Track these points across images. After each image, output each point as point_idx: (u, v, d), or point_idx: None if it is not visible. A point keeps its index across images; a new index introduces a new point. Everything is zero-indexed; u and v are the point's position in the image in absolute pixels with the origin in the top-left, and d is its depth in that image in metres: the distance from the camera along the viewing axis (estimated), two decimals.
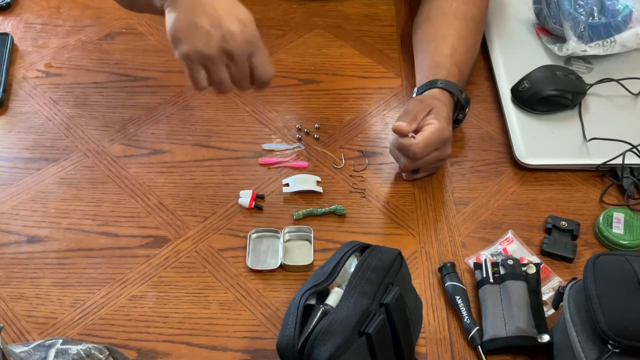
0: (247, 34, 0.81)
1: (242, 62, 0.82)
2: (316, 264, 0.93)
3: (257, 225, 0.97)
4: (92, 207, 1.00)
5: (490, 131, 1.10)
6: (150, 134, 1.09)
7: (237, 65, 0.83)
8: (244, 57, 0.82)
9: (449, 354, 0.85)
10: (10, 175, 1.03)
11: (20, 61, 1.20)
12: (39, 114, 1.12)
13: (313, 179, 1.02)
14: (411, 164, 0.98)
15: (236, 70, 0.83)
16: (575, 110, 1.09)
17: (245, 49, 0.81)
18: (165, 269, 0.93)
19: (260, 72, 0.85)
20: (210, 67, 0.82)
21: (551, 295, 0.88)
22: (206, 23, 0.79)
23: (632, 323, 0.71)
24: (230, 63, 0.82)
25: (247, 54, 0.82)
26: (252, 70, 0.84)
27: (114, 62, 1.20)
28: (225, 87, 0.85)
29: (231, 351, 0.85)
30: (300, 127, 1.09)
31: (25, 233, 0.97)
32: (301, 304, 0.73)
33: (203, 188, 1.02)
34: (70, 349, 0.69)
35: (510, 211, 0.99)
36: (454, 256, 0.94)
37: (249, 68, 0.84)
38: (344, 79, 1.17)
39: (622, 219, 0.96)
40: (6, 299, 0.90)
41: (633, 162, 1.01)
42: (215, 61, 0.81)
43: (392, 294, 0.75)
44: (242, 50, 0.81)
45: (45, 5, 1.31)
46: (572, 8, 1.12)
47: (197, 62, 0.81)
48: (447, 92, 1.02)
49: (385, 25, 1.27)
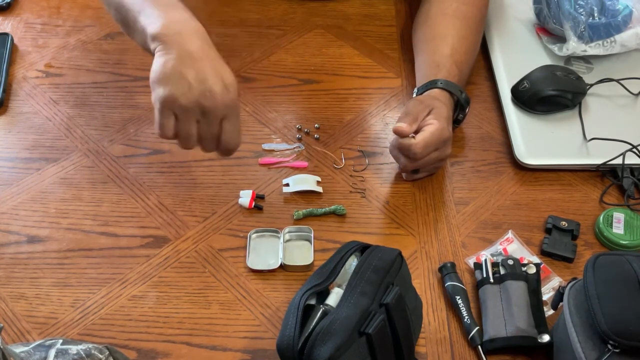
0: (226, 98, 0.82)
1: (213, 121, 0.83)
2: (316, 264, 0.93)
3: (257, 225, 0.97)
4: (92, 207, 1.00)
5: (490, 131, 1.10)
6: (150, 134, 1.09)
7: (207, 124, 0.83)
8: (217, 119, 0.83)
9: (449, 354, 0.85)
10: (10, 175, 1.03)
11: (20, 61, 1.20)
12: (39, 114, 1.12)
13: (313, 179, 1.02)
14: (411, 164, 0.98)
15: (205, 129, 0.84)
16: (575, 110, 1.09)
17: (220, 111, 0.82)
18: (165, 269, 0.93)
19: (228, 138, 0.85)
20: (181, 118, 0.82)
21: (551, 295, 0.88)
22: (191, 76, 0.80)
23: (632, 323, 0.71)
24: (202, 119, 0.83)
25: (221, 117, 0.83)
26: (221, 134, 0.84)
27: (114, 62, 1.20)
28: (190, 142, 0.85)
29: (231, 351, 0.85)
30: (300, 127, 1.09)
31: (25, 233, 0.97)
32: (301, 304, 0.73)
33: (203, 188, 1.02)
34: (70, 349, 0.69)
35: (510, 211, 0.99)
36: (454, 256, 0.94)
37: (218, 131, 0.84)
38: (344, 79, 1.17)
39: (622, 219, 0.96)
40: (6, 299, 0.90)
41: (633, 162, 1.01)
42: (188, 113, 0.82)
43: (392, 294, 0.75)
44: (217, 111, 0.82)
45: (45, 5, 1.31)
46: (572, 8, 1.12)
47: (170, 109, 0.82)
48: (447, 92, 1.02)
49: (385, 25, 1.27)
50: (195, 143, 0.86)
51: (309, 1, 1.30)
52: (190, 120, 0.83)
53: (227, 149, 0.87)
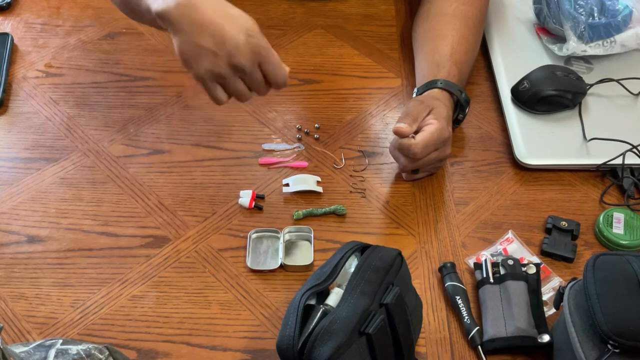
0: (252, 45, 0.81)
1: (253, 72, 0.84)
2: (316, 264, 0.93)
3: (257, 225, 0.97)
4: (92, 207, 1.00)
5: (490, 131, 1.10)
6: (150, 134, 1.09)
7: (249, 77, 0.84)
8: (254, 68, 0.83)
9: (449, 354, 0.85)
10: (10, 175, 1.03)
11: (20, 61, 1.20)
12: (39, 114, 1.12)
13: (313, 179, 1.02)
14: (411, 164, 0.98)
15: (249, 80, 0.85)
16: (575, 110, 1.09)
17: (253, 60, 0.82)
18: (165, 269, 0.93)
19: (273, 77, 0.86)
20: (224, 83, 0.84)
21: (551, 296, 0.88)
22: (210, 43, 0.80)
23: (632, 323, 0.71)
24: (242, 75, 0.84)
25: (256, 64, 0.83)
26: (266, 76, 0.85)
27: (114, 62, 1.20)
28: (245, 96, 0.87)
29: (231, 351, 0.85)
30: (300, 127, 1.09)
31: (25, 233, 0.97)
32: (301, 304, 0.73)
33: (203, 188, 1.02)
34: (70, 349, 0.69)
35: (510, 211, 0.99)
36: (454, 256, 0.94)
37: (262, 75, 0.85)
38: (344, 79, 1.17)
39: (622, 219, 0.96)
40: (6, 299, 0.90)
41: (633, 162, 1.01)
42: (228, 77, 0.83)
43: (392, 294, 0.75)
44: (250, 63, 0.82)
45: (45, 5, 1.31)
46: (572, 8, 1.12)
47: (211, 81, 0.83)
48: (447, 92, 1.02)
49: (385, 25, 1.27)
50: (250, 94, 0.87)
51: (309, 1, 1.30)
52: (233, 81, 0.84)
53: (277, 84, 0.87)
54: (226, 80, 0.83)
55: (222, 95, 0.85)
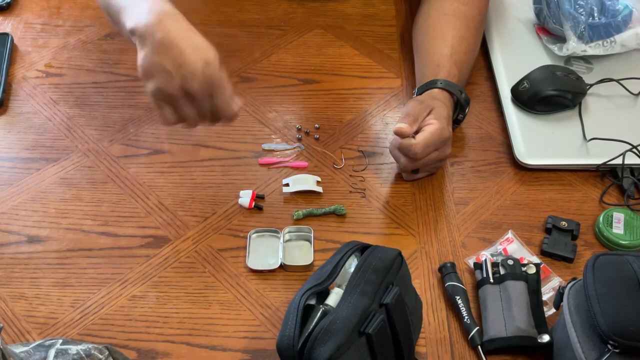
0: (207, 75, 0.82)
1: (202, 101, 0.84)
2: (316, 264, 0.93)
3: (257, 225, 0.97)
4: (92, 207, 1.00)
5: (490, 131, 1.10)
6: (150, 134, 1.09)
7: (198, 104, 0.85)
8: (204, 97, 0.84)
9: (449, 354, 0.85)
10: (10, 175, 1.03)
11: (20, 61, 1.20)
12: (39, 114, 1.12)
13: (313, 179, 1.02)
14: (411, 164, 0.98)
15: (199, 108, 0.85)
16: (575, 110, 1.09)
17: (205, 90, 0.83)
18: (165, 269, 0.93)
19: (222, 112, 0.86)
20: (174, 105, 0.84)
21: (551, 296, 0.88)
22: (169, 63, 0.81)
23: (632, 323, 0.71)
24: (192, 101, 0.84)
25: (207, 94, 0.84)
26: (215, 108, 0.86)
27: (114, 62, 1.20)
28: (192, 122, 0.87)
29: (231, 351, 0.85)
30: (300, 127, 1.09)
31: (25, 233, 0.97)
32: (301, 304, 0.73)
33: (203, 188, 1.02)
34: (70, 349, 0.69)
35: (510, 211, 0.99)
36: (454, 256, 0.94)
37: (211, 107, 0.85)
38: (344, 79, 1.17)
39: (622, 219, 0.96)
40: (6, 299, 0.90)
41: (633, 162, 1.01)
42: (177, 99, 0.83)
43: (392, 294, 0.75)
44: (201, 91, 0.83)
45: (45, 5, 1.31)
46: (572, 8, 1.12)
47: (162, 100, 0.84)
48: (447, 92, 1.02)
49: (385, 25, 1.27)
50: (198, 121, 0.87)
51: (309, 1, 1.30)
52: (182, 104, 0.84)
53: (224, 118, 0.88)
54: (176, 102, 0.84)
55: (170, 116, 0.85)
